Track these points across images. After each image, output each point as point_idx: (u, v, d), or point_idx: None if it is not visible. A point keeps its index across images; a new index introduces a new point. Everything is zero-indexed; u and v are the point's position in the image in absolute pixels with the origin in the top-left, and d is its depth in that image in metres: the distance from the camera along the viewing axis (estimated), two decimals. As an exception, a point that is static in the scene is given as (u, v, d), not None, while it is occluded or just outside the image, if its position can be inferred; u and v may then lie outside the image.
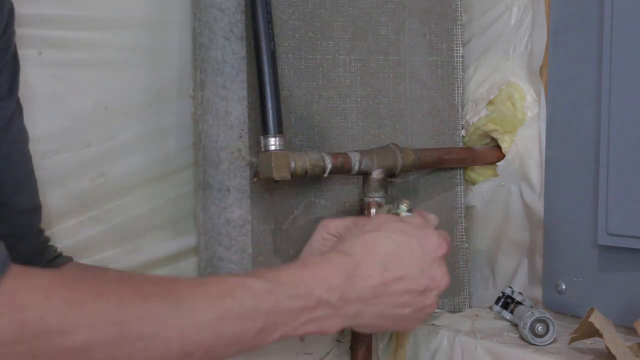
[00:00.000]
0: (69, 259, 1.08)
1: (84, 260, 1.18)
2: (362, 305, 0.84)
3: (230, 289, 0.77)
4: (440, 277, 0.89)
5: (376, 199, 1.18)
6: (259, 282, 0.78)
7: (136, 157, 1.23)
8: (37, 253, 1.04)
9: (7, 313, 0.69)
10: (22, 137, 1.04)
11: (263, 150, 1.14)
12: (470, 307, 1.31)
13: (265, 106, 1.15)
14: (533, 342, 1.08)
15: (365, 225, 0.90)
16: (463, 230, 1.31)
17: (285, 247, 1.23)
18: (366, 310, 0.85)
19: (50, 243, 1.09)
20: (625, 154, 1.07)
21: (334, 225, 1.01)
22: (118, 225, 1.23)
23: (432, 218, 0.95)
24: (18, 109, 1.04)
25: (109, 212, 1.22)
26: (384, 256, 0.86)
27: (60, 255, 1.08)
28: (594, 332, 0.97)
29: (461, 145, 1.32)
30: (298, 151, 1.17)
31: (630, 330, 1.03)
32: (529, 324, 1.08)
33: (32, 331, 0.70)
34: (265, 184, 1.21)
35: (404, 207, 1.00)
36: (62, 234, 1.17)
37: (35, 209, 1.06)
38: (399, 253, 0.86)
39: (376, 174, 1.18)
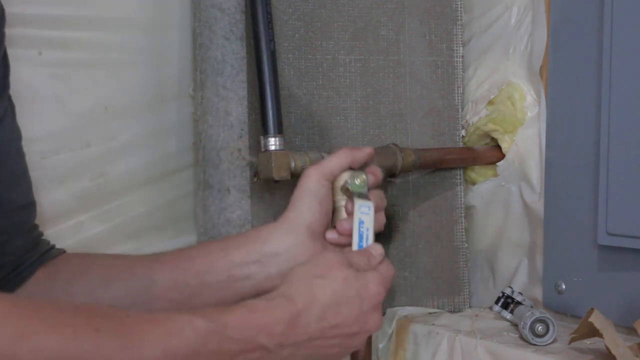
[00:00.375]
0: (62, 251, 1.08)
1: (84, 260, 1.18)
2: (295, 349, 0.88)
3: (178, 328, 0.79)
4: (373, 323, 0.92)
5: (376, 199, 1.18)
6: (206, 322, 0.80)
7: (136, 157, 1.23)
8: (30, 248, 1.04)
9: None
10: (15, 135, 1.04)
11: (263, 150, 1.14)
12: (470, 307, 1.31)
13: (265, 106, 1.15)
14: (533, 342, 1.08)
15: (314, 267, 0.92)
16: (463, 230, 1.31)
17: (285, 247, 1.23)
18: (298, 352, 0.88)
19: (44, 237, 1.09)
20: (625, 154, 1.07)
21: (330, 170, 1.01)
22: (118, 225, 1.23)
23: (377, 252, 0.96)
24: (10, 107, 1.04)
25: (109, 212, 1.22)
26: (324, 306, 0.88)
27: (52, 247, 1.07)
28: (594, 332, 0.97)
29: (461, 145, 1.32)
30: (298, 151, 1.17)
31: (630, 330, 1.03)
32: (529, 324, 1.08)
33: None
34: (265, 184, 1.21)
35: (357, 183, 1.00)
36: (62, 233, 1.17)
37: (30, 205, 1.06)
38: (339, 303, 0.89)
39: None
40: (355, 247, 0.96)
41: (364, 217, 0.98)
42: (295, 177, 1.14)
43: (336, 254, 0.93)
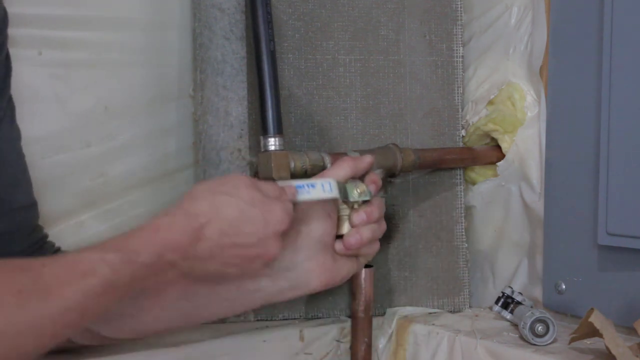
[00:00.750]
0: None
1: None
2: (197, 263, 0.90)
3: (92, 267, 0.81)
4: (273, 250, 0.93)
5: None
6: (118, 255, 0.83)
7: (136, 157, 1.23)
8: (35, 250, 1.04)
9: None
10: (14, 135, 1.04)
11: (263, 150, 1.14)
12: (470, 307, 1.31)
13: (265, 106, 1.14)
14: (533, 342, 1.08)
15: (220, 185, 0.93)
16: (463, 230, 1.31)
17: (285, 247, 1.23)
18: (198, 267, 0.90)
19: (49, 240, 1.09)
20: (625, 154, 1.07)
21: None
22: (118, 225, 1.22)
23: (290, 191, 0.97)
24: (10, 108, 1.04)
25: (109, 212, 1.22)
26: (227, 221, 0.90)
27: (58, 250, 1.08)
28: (594, 332, 0.97)
29: (461, 145, 1.32)
30: (298, 151, 1.17)
31: (630, 330, 1.03)
32: (529, 324, 1.08)
33: None
34: (265, 184, 1.21)
35: (357, 193, 1.02)
36: (62, 233, 1.17)
37: (31, 206, 1.06)
38: (242, 221, 0.91)
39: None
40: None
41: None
42: (295, 177, 1.14)
43: (245, 176, 0.96)
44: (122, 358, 1.03)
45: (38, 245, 1.05)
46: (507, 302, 1.19)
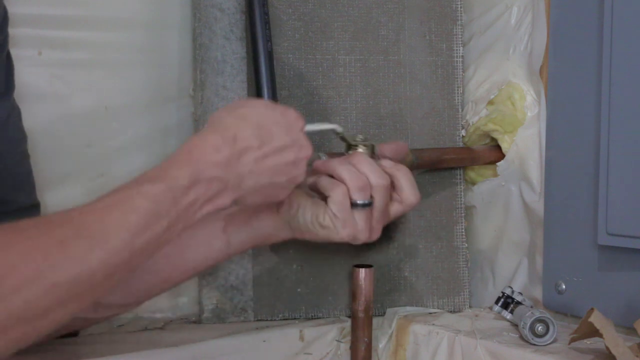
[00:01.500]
0: None
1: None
2: (245, 176, 0.90)
3: (132, 204, 0.80)
4: (306, 147, 0.95)
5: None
6: (155, 185, 0.82)
7: (136, 157, 1.23)
8: None
9: None
10: (20, 136, 1.04)
11: (263, 150, 1.14)
12: (470, 307, 1.31)
13: (265, 106, 1.14)
14: (533, 342, 1.08)
15: (236, 104, 0.95)
16: (463, 230, 1.31)
17: (285, 246, 1.23)
18: (248, 180, 0.90)
19: None
20: (625, 154, 1.07)
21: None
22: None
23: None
24: (15, 109, 1.04)
25: (109, 212, 1.22)
26: (255, 125, 0.91)
27: None
28: (594, 332, 0.97)
29: (461, 145, 1.32)
30: (298, 151, 1.17)
31: (630, 330, 1.03)
32: (529, 324, 1.08)
33: None
34: (265, 184, 1.21)
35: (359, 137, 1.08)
36: (62, 234, 1.17)
37: (34, 207, 1.06)
38: (267, 123, 0.92)
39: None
40: None
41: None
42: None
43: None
44: (122, 358, 1.03)
45: None
46: (507, 302, 1.19)
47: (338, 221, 1.01)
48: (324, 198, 1.03)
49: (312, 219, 1.02)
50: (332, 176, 1.02)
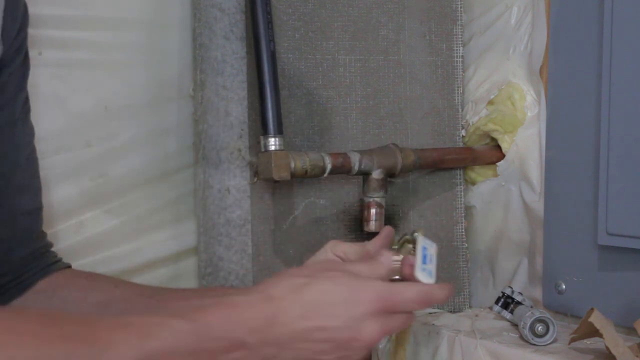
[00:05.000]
0: (66, 265, 1.07)
1: (84, 261, 1.18)
2: (279, 349, 0.84)
3: (154, 330, 0.77)
4: (370, 332, 0.85)
5: (376, 199, 1.19)
6: (183, 323, 0.79)
7: (136, 157, 1.23)
8: (37, 256, 1.04)
9: None
10: (28, 138, 1.04)
11: (263, 150, 1.14)
12: (470, 307, 1.31)
13: (265, 106, 1.15)
14: (533, 342, 1.08)
15: (304, 268, 0.88)
16: (463, 230, 1.31)
17: (285, 247, 1.23)
18: (282, 353, 0.84)
19: (52, 249, 1.09)
20: (625, 154, 1.07)
21: (342, 248, 0.98)
22: (118, 225, 1.23)
23: (386, 260, 0.90)
24: (26, 109, 1.04)
25: (109, 212, 1.22)
26: (306, 303, 0.83)
27: (58, 261, 1.07)
28: (594, 332, 0.97)
29: (461, 145, 1.32)
30: (298, 151, 1.17)
31: (630, 330, 1.03)
32: (529, 324, 1.08)
33: None
34: (265, 184, 1.21)
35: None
36: (62, 234, 1.17)
37: (36, 210, 1.05)
38: (324, 302, 0.84)
39: (376, 174, 1.18)
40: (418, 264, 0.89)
41: (427, 245, 0.92)
42: (295, 177, 1.14)
43: (336, 260, 0.88)
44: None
45: (39, 252, 1.05)
46: (507, 302, 1.19)
47: None
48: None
49: None
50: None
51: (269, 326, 0.82)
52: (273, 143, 1.13)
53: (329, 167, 1.15)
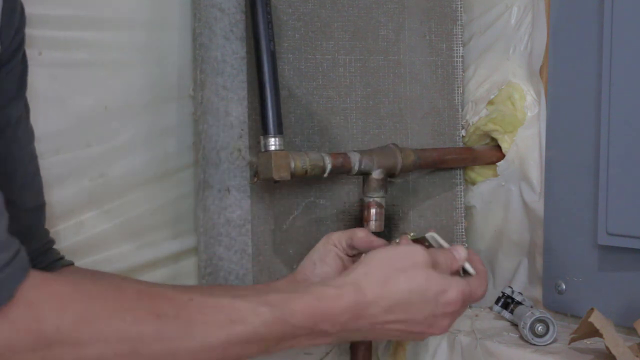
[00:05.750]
0: (70, 263, 1.08)
1: (84, 261, 1.18)
2: (356, 333, 0.88)
3: (243, 316, 0.80)
4: (442, 326, 0.91)
5: (376, 199, 1.18)
6: (272, 310, 0.82)
7: (136, 157, 1.23)
8: (41, 253, 1.04)
9: (24, 322, 0.71)
10: (29, 137, 1.05)
11: (263, 150, 1.14)
12: (470, 307, 1.31)
13: (265, 106, 1.15)
14: (533, 342, 1.08)
15: (398, 259, 0.89)
16: (463, 230, 1.31)
17: (285, 247, 1.23)
18: (357, 335, 0.89)
19: (55, 247, 1.09)
20: (625, 154, 1.07)
21: (337, 237, 1.05)
22: (118, 225, 1.23)
23: (460, 256, 0.95)
24: (26, 109, 1.04)
25: (109, 212, 1.22)
26: (395, 301, 0.87)
27: (62, 258, 1.07)
28: (594, 332, 0.97)
29: (461, 145, 1.32)
30: (298, 151, 1.17)
31: (630, 330, 1.03)
32: (529, 324, 1.08)
33: (46, 341, 0.72)
34: (265, 184, 1.21)
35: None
36: (62, 234, 1.17)
37: (40, 207, 1.06)
38: (412, 302, 0.88)
39: (376, 174, 1.18)
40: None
41: (444, 244, 1.00)
42: (295, 177, 1.14)
43: (422, 250, 0.91)
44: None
45: (43, 249, 1.05)
46: (507, 302, 1.19)
47: None
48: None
49: None
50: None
51: (354, 319, 0.86)
52: (273, 143, 1.13)
53: (329, 167, 1.15)
